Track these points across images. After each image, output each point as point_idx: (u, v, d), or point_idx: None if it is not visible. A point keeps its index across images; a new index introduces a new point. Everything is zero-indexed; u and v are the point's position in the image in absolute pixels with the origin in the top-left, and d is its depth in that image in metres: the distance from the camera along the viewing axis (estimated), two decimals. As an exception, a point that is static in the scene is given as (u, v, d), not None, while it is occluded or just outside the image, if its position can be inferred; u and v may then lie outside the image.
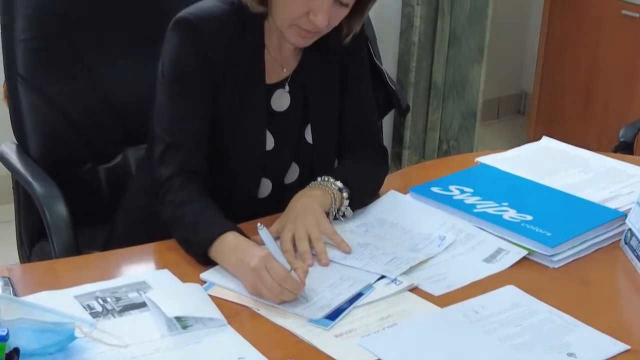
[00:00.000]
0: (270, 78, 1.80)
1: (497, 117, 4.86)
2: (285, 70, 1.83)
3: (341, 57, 1.85)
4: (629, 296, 1.70)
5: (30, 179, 1.95)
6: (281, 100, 1.83)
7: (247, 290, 1.54)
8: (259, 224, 1.55)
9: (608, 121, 3.93)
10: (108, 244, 1.92)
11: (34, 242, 2.10)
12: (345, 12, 1.71)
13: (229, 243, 1.59)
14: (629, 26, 3.79)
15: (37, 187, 1.92)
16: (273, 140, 1.82)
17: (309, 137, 1.86)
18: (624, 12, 3.78)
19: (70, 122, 2.06)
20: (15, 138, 2.07)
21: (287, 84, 1.83)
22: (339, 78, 1.87)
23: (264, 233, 1.54)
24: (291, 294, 1.50)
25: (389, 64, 3.85)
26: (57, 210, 1.86)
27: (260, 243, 1.57)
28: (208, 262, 1.61)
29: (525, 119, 4.66)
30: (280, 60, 1.82)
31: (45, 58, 2.02)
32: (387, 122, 3.95)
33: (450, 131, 4.09)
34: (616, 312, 1.63)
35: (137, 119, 2.10)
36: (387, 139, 4.00)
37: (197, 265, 1.62)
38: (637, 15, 3.76)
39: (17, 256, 2.19)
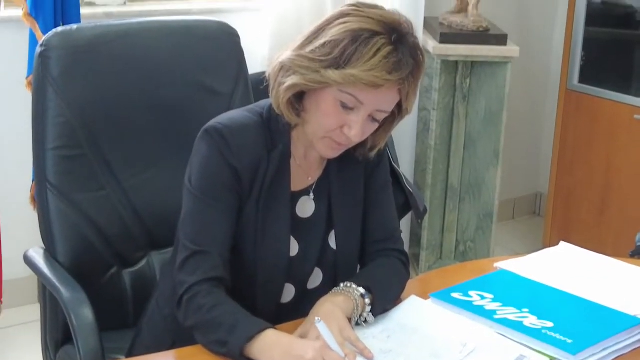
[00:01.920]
0: (296, 185, 1.84)
1: (512, 217, 4.88)
2: (310, 178, 1.87)
3: (365, 166, 1.90)
4: (652, 404, 1.70)
5: (57, 284, 1.97)
6: (306, 207, 1.87)
7: None
8: (316, 318, 1.61)
9: (624, 224, 3.93)
10: (133, 350, 1.94)
11: (59, 346, 2.11)
12: (375, 127, 1.77)
13: (269, 338, 1.63)
14: (642, 130, 3.84)
15: (64, 291, 1.94)
16: (297, 246, 1.85)
17: (332, 242, 1.89)
18: (636, 116, 3.83)
19: (96, 228, 2.09)
20: (43, 242, 2.10)
21: (312, 191, 1.87)
22: (362, 185, 1.91)
23: (321, 326, 1.60)
24: None
25: (406, 166, 3.90)
26: (84, 315, 1.88)
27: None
28: None
29: (540, 220, 4.69)
30: (305, 168, 1.86)
31: (74, 167, 2.07)
32: (405, 224, 3.97)
33: (467, 232, 4.11)
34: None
35: (162, 224, 2.14)
36: (404, 240, 4.01)
37: (221, 371, 1.63)
38: (649, 119, 3.82)
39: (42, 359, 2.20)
